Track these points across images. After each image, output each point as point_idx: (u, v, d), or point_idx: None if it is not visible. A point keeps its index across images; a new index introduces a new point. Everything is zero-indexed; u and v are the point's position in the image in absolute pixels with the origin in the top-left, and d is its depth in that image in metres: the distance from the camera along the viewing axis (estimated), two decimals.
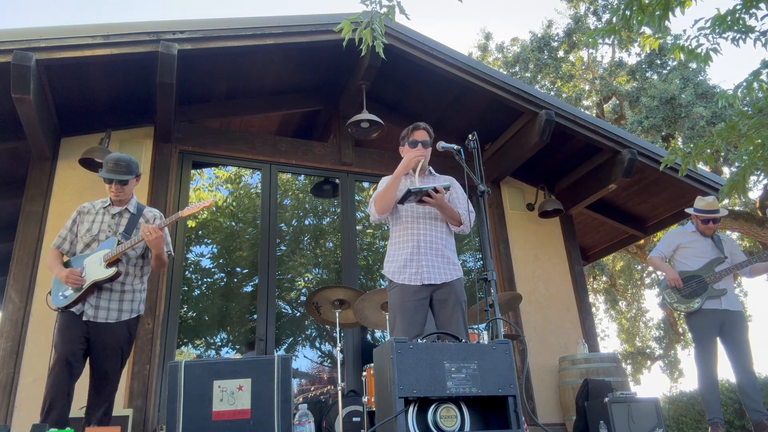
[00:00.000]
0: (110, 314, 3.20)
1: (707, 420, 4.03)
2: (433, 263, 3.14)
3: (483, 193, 2.85)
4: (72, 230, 3.36)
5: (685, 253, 4.43)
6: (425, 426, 2.18)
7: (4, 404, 4.09)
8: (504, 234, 6.32)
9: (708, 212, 4.38)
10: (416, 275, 3.11)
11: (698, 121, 10.07)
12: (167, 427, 2.47)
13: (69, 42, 4.16)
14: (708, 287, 4.24)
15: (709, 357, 4.13)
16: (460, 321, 3.02)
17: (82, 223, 3.34)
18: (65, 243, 3.34)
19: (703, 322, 4.19)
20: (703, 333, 4.17)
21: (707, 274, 4.28)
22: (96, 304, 3.18)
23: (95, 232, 3.30)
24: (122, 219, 3.38)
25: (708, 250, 4.37)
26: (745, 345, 4.08)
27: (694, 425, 7.85)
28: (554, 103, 5.65)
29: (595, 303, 17.29)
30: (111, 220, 3.35)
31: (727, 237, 4.55)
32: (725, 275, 4.25)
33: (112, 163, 3.32)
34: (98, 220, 3.34)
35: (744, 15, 3.07)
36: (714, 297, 4.21)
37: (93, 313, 3.16)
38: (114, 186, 3.32)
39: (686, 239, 4.45)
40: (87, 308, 3.16)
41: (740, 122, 3.40)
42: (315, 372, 5.51)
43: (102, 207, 3.40)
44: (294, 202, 6.17)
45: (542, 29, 15.35)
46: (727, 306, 4.19)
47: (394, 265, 3.21)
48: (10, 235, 5.66)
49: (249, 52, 5.13)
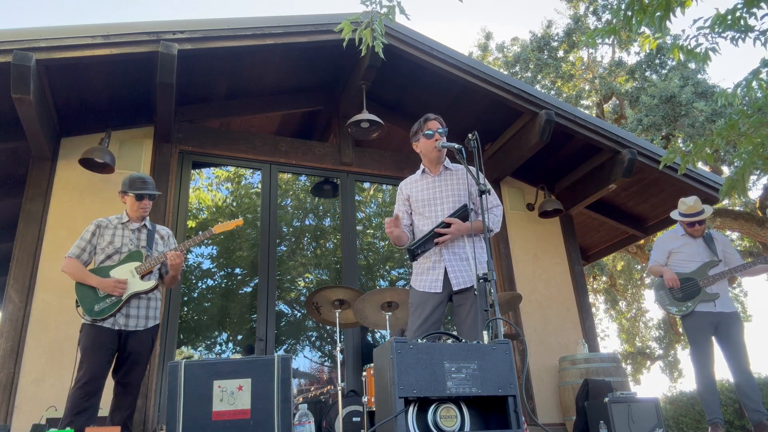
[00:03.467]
0: (139, 322, 3.37)
1: (707, 420, 4.02)
2: (457, 267, 3.10)
3: (483, 193, 2.84)
4: (91, 242, 3.47)
5: (677, 258, 4.41)
6: (425, 426, 2.18)
7: (4, 404, 4.09)
8: (504, 234, 6.32)
9: (691, 215, 4.34)
10: (436, 282, 3.09)
11: (698, 118, 10.07)
12: (167, 427, 2.47)
13: (69, 42, 4.16)
14: (701, 291, 4.22)
15: (705, 357, 4.12)
16: (478, 320, 2.99)
17: (102, 236, 3.48)
18: (84, 254, 3.44)
19: (697, 323, 4.18)
20: (698, 333, 4.17)
21: (701, 277, 4.26)
22: (127, 312, 3.34)
23: (118, 245, 3.46)
24: (141, 234, 3.57)
25: (700, 253, 4.34)
26: (741, 345, 4.07)
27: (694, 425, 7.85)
28: (554, 103, 5.64)
29: (595, 303, 17.29)
30: (132, 234, 3.53)
31: (719, 235, 4.50)
32: (719, 279, 4.22)
33: (141, 182, 3.55)
34: (118, 234, 3.50)
35: (744, 14, 3.06)
36: (707, 301, 4.19)
37: (124, 322, 3.32)
38: (146, 202, 3.54)
39: (677, 244, 4.43)
40: (119, 318, 3.30)
41: (740, 121, 3.40)
42: (315, 372, 5.51)
43: (119, 222, 3.55)
44: (294, 203, 6.17)
45: (542, 29, 15.36)
46: (721, 308, 4.17)
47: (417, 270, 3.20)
48: (10, 235, 5.66)
49: (249, 52, 5.13)
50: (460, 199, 3.18)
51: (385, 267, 6.25)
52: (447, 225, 3.04)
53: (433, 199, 3.21)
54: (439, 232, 3.02)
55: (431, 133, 3.20)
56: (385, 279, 6.18)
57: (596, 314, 17.15)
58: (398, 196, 3.36)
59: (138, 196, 3.52)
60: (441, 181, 3.25)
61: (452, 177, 3.25)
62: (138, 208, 3.53)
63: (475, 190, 3.15)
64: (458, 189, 3.21)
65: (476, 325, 2.95)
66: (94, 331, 3.23)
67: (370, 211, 6.52)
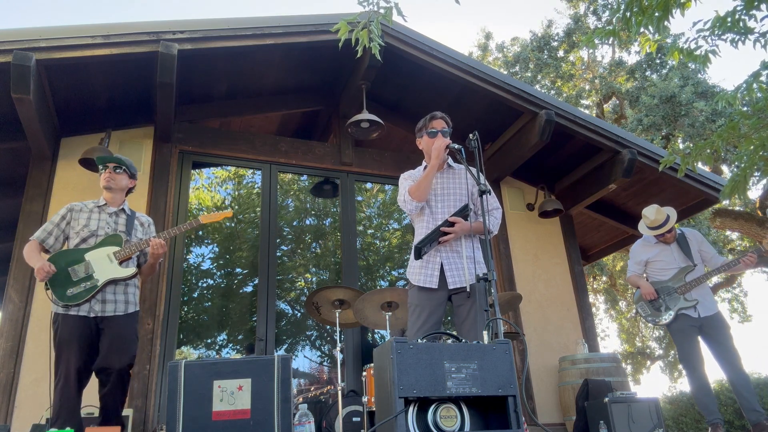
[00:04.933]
0: (118, 306, 3.19)
1: (707, 421, 4.00)
2: (453, 264, 3.09)
3: (484, 193, 2.85)
4: (59, 226, 3.31)
5: (654, 267, 4.39)
6: (425, 426, 2.18)
7: (4, 404, 4.10)
8: (504, 234, 6.32)
9: (657, 228, 4.29)
10: (432, 277, 3.07)
11: (698, 118, 10.07)
12: (167, 427, 2.47)
13: (69, 42, 4.16)
14: (679, 299, 4.20)
15: (693, 359, 4.09)
16: (478, 320, 2.99)
17: (76, 219, 3.31)
18: (50, 238, 3.27)
19: (680, 325, 4.17)
20: (683, 336, 4.15)
21: (677, 284, 4.23)
22: (103, 298, 3.15)
23: (94, 228, 3.29)
24: (119, 219, 3.39)
25: (675, 259, 4.30)
26: (730, 345, 4.02)
27: (694, 425, 7.85)
28: (554, 102, 5.64)
29: (595, 303, 17.28)
30: (109, 218, 3.36)
31: (692, 234, 4.42)
32: (696, 285, 4.18)
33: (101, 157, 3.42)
34: (94, 217, 3.33)
35: (744, 16, 3.06)
36: (687, 308, 4.16)
37: (100, 308, 3.14)
38: (109, 173, 3.36)
39: (652, 253, 4.39)
40: (94, 304, 3.13)
41: (740, 122, 3.40)
42: (315, 372, 5.52)
43: (96, 206, 3.39)
44: (294, 203, 6.17)
45: (542, 29, 15.36)
46: (704, 313, 4.14)
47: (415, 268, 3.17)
48: (10, 235, 5.67)
49: (249, 52, 5.13)
50: (461, 198, 3.20)
51: (385, 267, 6.25)
52: (451, 224, 3.04)
53: (435, 196, 3.22)
54: (444, 231, 3.02)
55: (435, 132, 3.21)
56: (385, 279, 6.18)
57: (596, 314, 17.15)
58: (404, 182, 3.31)
59: (100, 170, 3.39)
60: (443, 179, 3.26)
61: (454, 176, 3.27)
62: (102, 180, 3.37)
63: (475, 190, 3.17)
64: (460, 188, 3.23)
65: (476, 325, 2.95)
66: (68, 321, 3.05)
67: (371, 211, 6.52)
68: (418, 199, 3.12)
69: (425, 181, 3.10)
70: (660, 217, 4.29)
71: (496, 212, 3.21)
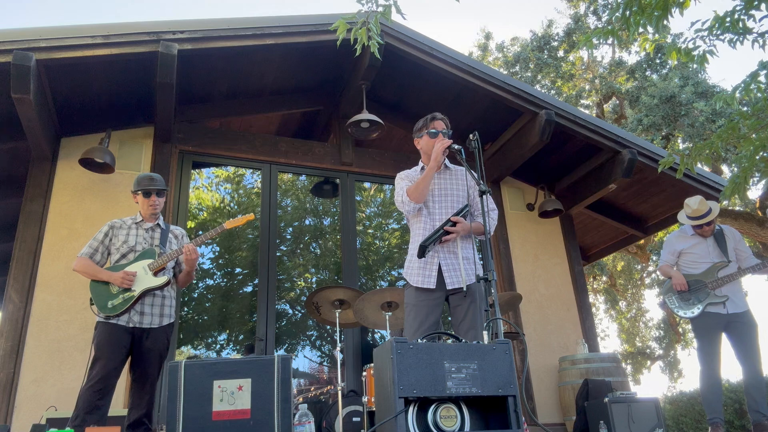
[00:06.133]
0: (153, 319, 3.40)
1: (707, 420, 4.00)
2: (451, 265, 3.09)
3: (484, 193, 2.85)
4: (104, 243, 3.51)
5: (687, 258, 4.31)
6: (425, 426, 2.18)
7: (4, 404, 4.10)
8: (504, 234, 6.32)
9: (698, 218, 4.21)
10: (429, 277, 3.07)
11: (698, 118, 10.07)
12: (167, 427, 2.47)
13: (69, 42, 4.17)
14: (710, 294, 4.14)
15: (711, 357, 4.06)
16: (476, 320, 2.99)
17: (116, 236, 3.53)
18: (96, 254, 3.48)
19: (705, 322, 4.12)
20: (705, 333, 4.10)
21: (709, 279, 4.17)
22: (141, 310, 3.37)
23: (132, 243, 3.51)
24: (155, 233, 3.61)
25: (710, 253, 4.24)
26: (754, 346, 3.97)
27: (694, 425, 7.85)
28: (554, 103, 5.64)
29: (595, 303, 17.29)
30: (145, 233, 3.58)
31: (730, 231, 4.35)
32: (728, 281, 4.12)
33: (148, 180, 3.61)
34: (132, 233, 3.55)
35: (743, 16, 3.06)
36: (716, 303, 4.11)
37: (139, 319, 3.34)
38: (154, 198, 3.58)
39: (687, 244, 4.31)
40: (133, 315, 3.33)
41: (740, 123, 3.40)
42: (315, 372, 5.52)
43: (133, 222, 3.61)
44: (294, 203, 6.18)
45: (542, 29, 15.35)
46: (733, 310, 4.08)
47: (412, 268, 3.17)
48: (10, 235, 5.67)
49: (249, 52, 5.13)
50: (459, 199, 3.21)
51: (385, 267, 6.25)
52: (453, 223, 3.05)
53: (432, 197, 3.22)
54: (447, 231, 3.02)
55: (436, 132, 3.22)
56: (385, 279, 6.18)
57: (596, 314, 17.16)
58: (400, 182, 3.29)
59: (145, 194, 3.58)
60: (441, 180, 3.26)
61: (452, 176, 3.28)
62: (148, 206, 3.58)
63: (473, 191, 3.19)
64: (458, 188, 3.24)
65: (473, 325, 2.96)
66: (108, 329, 3.25)
67: (370, 211, 6.52)
68: (417, 200, 3.13)
69: (424, 183, 3.10)
70: (703, 207, 4.20)
71: (493, 213, 3.22)
